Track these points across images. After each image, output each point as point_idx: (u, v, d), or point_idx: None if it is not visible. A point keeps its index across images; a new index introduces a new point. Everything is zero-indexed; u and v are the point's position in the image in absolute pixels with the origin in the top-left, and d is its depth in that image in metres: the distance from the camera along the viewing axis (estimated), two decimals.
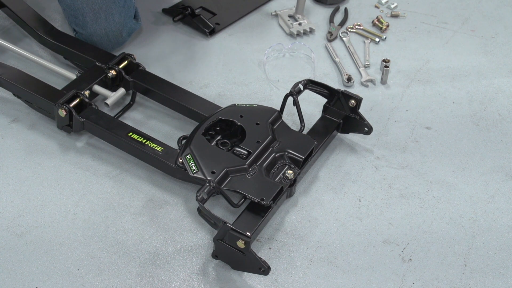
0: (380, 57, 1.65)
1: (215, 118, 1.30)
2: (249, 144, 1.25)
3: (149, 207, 1.26)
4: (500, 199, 1.31)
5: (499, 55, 1.69)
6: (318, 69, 1.62)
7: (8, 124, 1.42)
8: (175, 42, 1.69)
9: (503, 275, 1.17)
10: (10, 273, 1.14)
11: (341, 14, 1.82)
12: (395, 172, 1.36)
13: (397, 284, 1.15)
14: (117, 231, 1.22)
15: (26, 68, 1.51)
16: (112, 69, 1.42)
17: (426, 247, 1.21)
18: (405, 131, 1.45)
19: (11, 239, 1.19)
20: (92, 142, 1.39)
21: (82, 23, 1.52)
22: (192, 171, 1.19)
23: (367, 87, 1.57)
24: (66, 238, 1.20)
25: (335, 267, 1.17)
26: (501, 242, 1.23)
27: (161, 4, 1.80)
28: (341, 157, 1.39)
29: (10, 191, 1.28)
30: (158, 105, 1.47)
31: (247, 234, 1.06)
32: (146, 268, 1.16)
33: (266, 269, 1.07)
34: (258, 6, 1.83)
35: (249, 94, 1.54)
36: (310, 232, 1.23)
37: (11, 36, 1.66)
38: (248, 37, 1.72)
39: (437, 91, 1.57)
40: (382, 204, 1.29)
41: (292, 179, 1.21)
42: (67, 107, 1.31)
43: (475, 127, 1.47)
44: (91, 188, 1.29)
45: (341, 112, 1.37)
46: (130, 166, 1.34)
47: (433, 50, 1.70)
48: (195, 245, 1.20)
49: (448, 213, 1.28)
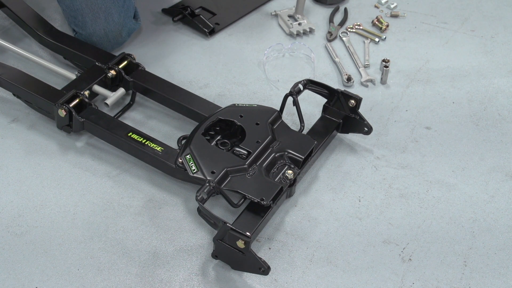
0: (380, 57, 1.66)
1: (215, 118, 1.30)
2: (249, 144, 1.25)
3: (149, 207, 1.26)
4: (500, 199, 1.31)
5: (499, 55, 1.69)
6: (317, 69, 1.62)
7: (8, 124, 1.42)
8: (175, 42, 1.69)
9: (503, 275, 1.17)
10: (10, 273, 1.14)
11: (341, 14, 1.82)
12: (395, 172, 1.36)
13: (397, 284, 1.15)
14: (117, 231, 1.22)
15: (26, 68, 1.51)
16: (111, 69, 1.42)
17: (426, 247, 1.21)
18: (405, 131, 1.45)
19: (11, 239, 1.19)
20: (92, 142, 1.39)
21: (81, 24, 1.52)
22: (192, 171, 1.19)
23: (367, 87, 1.57)
24: (66, 238, 1.20)
25: (335, 267, 1.17)
26: (501, 242, 1.23)
27: (160, 4, 1.80)
28: (341, 157, 1.39)
29: (10, 191, 1.28)
30: (158, 105, 1.47)
31: (247, 234, 1.06)
32: (146, 268, 1.16)
33: (266, 269, 1.07)
34: (258, 6, 1.83)
35: (249, 94, 1.54)
36: (310, 232, 1.23)
37: (11, 36, 1.66)
38: (248, 37, 1.72)
39: (437, 91, 1.57)
40: (382, 204, 1.29)
41: (292, 179, 1.21)
42: (67, 107, 1.31)
43: (475, 127, 1.47)
44: (91, 188, 1.29)
45: (341, 112, 1.37)
46: (130, 166, 1.34)
47: (433, 50, 1.70)
48: (195, 245, 1.20)
49: (448, 213, 1.28)
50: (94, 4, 1.48)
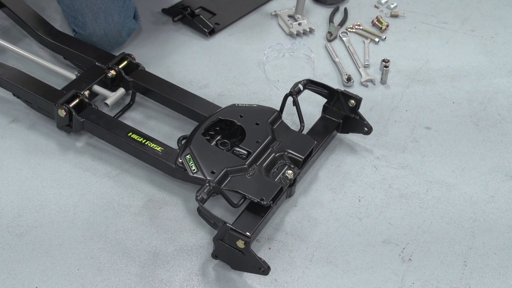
0: (379, 57, 1.65)
1: (215, 118, 1.30)
2: (248, 144, 1.25)
3: (148, 207, 1.26)
4: (500, 199, 1.31)
5: (499, 55, 1.69)
6: (317, 69, 1.62)
7: (7, 124, 1.42)
8: (175, 42, 1.69)
9: (503, 275, 1.17)
10: (10, 273, 1.14)
11: (340, 14, 1.82)
12: (395, 172, 1.36)
13: (396, 284, 1.15)
14: (117, 231, 1.22)
15: (25, 68, 1.52)
16: (111, 69, 1.42)
17: (425, 247, 1.21)
18: (404, 131, 1.45)
19: (11, 239, 1.19)
20: (92, 142, 1.39)
21: (81, 24, 1.52)
22: (192, 171, 1.19)
23: (367, 87, 1.57)
24: (65, 238, 1.20)
25: (335, 267, 1.17)
26: (500, 242, 1.23)
27: (160, 4, 1.80)
28: (341, 157, 1.39)
29: (10, 191, 1.28)
30: (158, 105, 1.47)
31: (246, 234, 1.06)
32: (145, 268, 1.16)
33: (266, 269, 1.07)
34: (257, 6, 1.83)
35: (249, 94, 1.54)
36: (309, 232, 1.23)
37: (11, 36, 1.66)
38: (247, 37, 1.72)
39: (436, 91, 1.57)
40: (382, 204, 1.29)
41: (291, 179, 1.21)
42: (66, 107, 1.31)
43: (475, 127, 1.47)
44: (91, 188, 1.29)
45: (340, 112, 1.37)
46: (130, 166, 1.34)
47: (432, 50, 1.70)
48: (195, 245, 1.20)
49: (447, 213, 1.28)
50: (94, 4, 1.48)
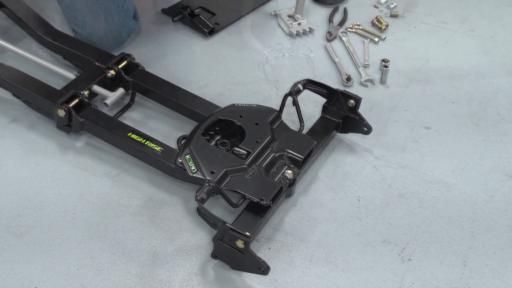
0: (379, 57, 1.66)
1: (214, 118, 1.30)
2: (248, 144, 1.25)
3: (148, 207, 1.26)
4: (500, 198, 1.31)
5: (498, 55, 1.69)
6: (317, 69, 1.62)
7: (7, 124, 1.42)
8: (175, 42, 1.69)
9: (502, 275, 1.17)
10: (10, 273, 1.14)
11: (340, 14, 1.82)
12: (395, 172, 1.36)
13: (396, 284, 1.15)
14: (117, 231, 1.22)
15: (25, 68, 1.51)
16: (111, 69, 1.42)
17: (425, 247, 1.21)
18: (404, 131, 1.45)
19: (11, 239, 1.19)
20: (92, 142, 1.39)
21: (81, 24, 1.52)
22: (192, 171, 1.19)
23: (367, 87, 1.57)
24: (65, 238, 1.20)
25: (335, 267, 1.17)
26: (500, 242, 1.23)
27: (160, 4, 1.80)
28: (341, 157, 1.39)
29: (10, 191, 1.28)
30: (158, 105, 1.47)
31: (246, 234, 1.06)
32: (145, 268, 1.16)
33: (265, 269, 1.07)
34: (257, 6, 1.83)
35: (249, 94, 1.54)
36: (309, 232, 1.23)
37: (11, 36, 1.66)
38: (247, 37, 1.72)
39: (436, 91, 1.57)
40: (382, 204, 1.29)
41: (291, 179, 1.21)
42: (66, 107, 1.31)
43: (475, 127, 1.47)
44: (91, 188, 1.29)
45: (340, 112, 1.37)
46: (130, 166, 1.34)
47: (432, 50, 1.70)
48: (194, 245, 1.20)
49: (447, 213, 1.28)
50: (94, 4, 1.48)
